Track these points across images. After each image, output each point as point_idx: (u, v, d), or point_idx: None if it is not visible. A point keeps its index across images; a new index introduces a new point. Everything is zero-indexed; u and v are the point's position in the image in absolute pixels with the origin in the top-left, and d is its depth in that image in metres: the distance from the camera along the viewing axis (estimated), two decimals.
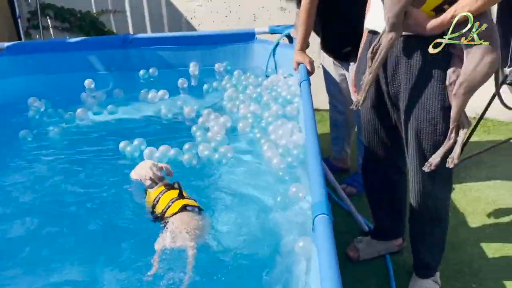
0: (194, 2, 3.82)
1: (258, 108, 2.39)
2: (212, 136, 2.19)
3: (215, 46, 3.10)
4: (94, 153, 2.20)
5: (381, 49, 1.50)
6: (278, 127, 2.17)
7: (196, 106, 2.51)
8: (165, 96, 2.72)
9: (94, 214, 1.78)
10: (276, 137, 2.12)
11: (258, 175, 2.01)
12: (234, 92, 2.60)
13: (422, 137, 1.63)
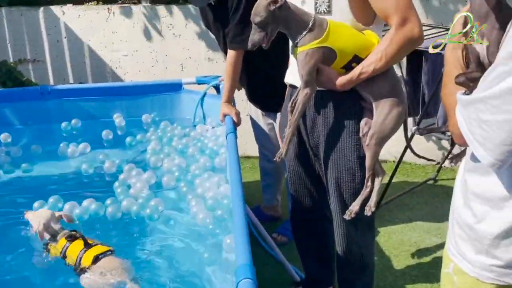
0: (119, 51, 3.77)
1: (184, 161, 2.35)
2: (135, 193, 2.10)
3: (141, 96, 3.05)
4: (4, 215, 2.01)
5: (298, 105, 1.58)
6: (205, 180, 2.13)
7: (118, 161, 2.41)
8: (87, 150, 2.59)
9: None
10: (203, 190, 2.08)
11: (187, 230, 1.95)
12: (158, 144, 2.54)
13: (342, 186, 1.70)
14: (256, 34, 1.50)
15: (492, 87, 0.82)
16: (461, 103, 0.92)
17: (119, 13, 3.67)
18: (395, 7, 1.48)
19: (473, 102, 0.87)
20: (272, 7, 1.45)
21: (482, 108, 0.84)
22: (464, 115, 0.90)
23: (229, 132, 2.08)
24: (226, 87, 2.33)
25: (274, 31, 1.52)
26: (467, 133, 0.90)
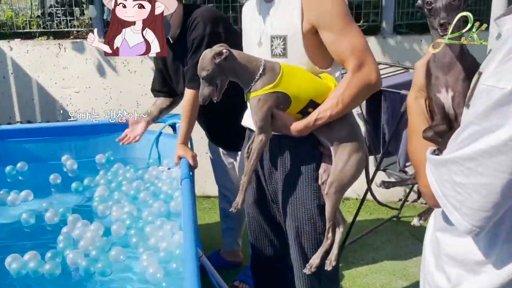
0: (70, 88, 3.59)
1: (135, 208, 2.18)
2: (83, 245, 1.91)
3: (92, 136, 2.87)
4: None
5: (253, 152, 1.49)
6: (157, 228, 1.97)
7: (63, 209, 2.20)
8: (29, 198, 2.37)
9: None
10: (155, 240, 1.92)
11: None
12: (106, 190, 2.36)
13: (303, 236, 1.60)
14: (205, 88, 1.43)
15: (465, 147, 0.74)
16: (432, 163, 0.84)
17: (71, 48, 3.51)
18: (350, 51, 1.43)
19: (445, 163, 0.79)
20: (217, 60, 1.39)
21: (455, 170, 0.76)
22: (436, 176, 0.82)
23: (184, 178, 1.94)
24: (183, 128, 2.22)
25: (224, 82, 1.45)
26: (440, 196, 0.81)
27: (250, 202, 1.76)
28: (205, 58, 1.41)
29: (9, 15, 3.82)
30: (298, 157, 1.55)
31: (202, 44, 2.07)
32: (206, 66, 1.40)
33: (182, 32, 2.14)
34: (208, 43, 2.04)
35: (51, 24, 3.67)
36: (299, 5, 1.45)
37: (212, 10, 2.25)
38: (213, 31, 2.07)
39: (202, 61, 1.41)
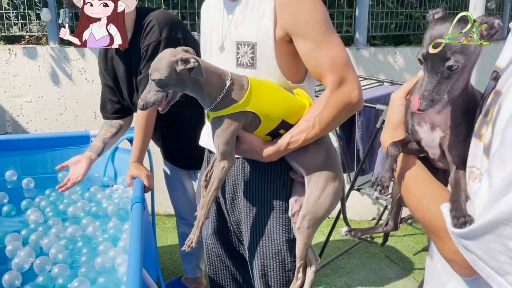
0: (21, 97, 3.30)
1: (79, 230, 1.93)
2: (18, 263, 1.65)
3: (41, 150, 2.60)
4: None
5: (213, 181, 1.26)
6: (101, 256, 1.73)
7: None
8: None
9: None
10: (96, 270, 1.68)
11: None
12: (41, 216, 2.08)
13: (269, 274, 1.38)
14: (152, 93, 1.18)
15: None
16: (465, 236, 0.63)
17: (22, 54, 3.23)
18: (330, 65, 1.22)
19: (490, 229, 0.58)
20: (179, 67, 1.15)
21: (508, 234, 0.56)
22: (477, 251, 0.61)
23: (135, 202, 1.70)
24: (136, 145, 1.99)
25: (177, 94, 1.21)
26: (489, 272, 0.60)
27: (209, 233, 1.55)
28: (163, 58, 1.17)
29: None
30: (266, 185, 1.34)
31: (157, 50, 1.83)
32: (162, 69, 1.15)
33: (135, 38, 1.91)
34: (164, 49, 1.82)
35: (2, 28, 3.38)
36: (272, 6, 1.23)
37: (168, 12, 2.02)
38: (170, 36, 1.84)
39: (158, 61, 1.17)
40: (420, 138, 0.83)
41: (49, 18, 3.20)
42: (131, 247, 1.41)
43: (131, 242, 1.45)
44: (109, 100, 2.18)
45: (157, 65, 1.16)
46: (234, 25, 1.31)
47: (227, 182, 1.40)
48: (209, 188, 1.27)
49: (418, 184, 0.79)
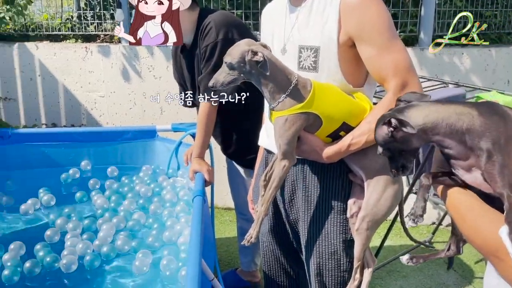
0: (95, 92, 3.55)
1: (143, 216, 2.09)
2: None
3: (111, 143, 2.80)
4: None
5: (273, 179, 1.31)
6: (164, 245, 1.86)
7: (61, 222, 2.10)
8: (37, 205, 2.30)
9: None
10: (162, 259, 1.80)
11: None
12: (107, 203, 2.27)
13: (325, 273, 1.42)
14: (223, 74, 1.26)
15: None
16: None
17: (97, 52, 3.47)
18: (393, 69, 1.23)
19: None
20: (248, 57, 1.22)
21: None
22: None
23: (196, 195, 1.81)
24: (198, 140, 2.09)
25: (239, 79, 1.27)
26: None
27: (266, 231, 1.60)
28: (239, 45, 1.25)
29: (46, 17, 3.83)
30: (325, 185, 1.38)
31: (214, 51, 1.93)
32: (234, 54, 1.23)
33: (196, 38, 2.01)
34: (221, 50, 1.89)
35: (80, 27, 3.65)
36: (337, 12, 1.26)
37: (226, 14, 2.08)
38: (226, 37, 1.92)
39: (234, 47, 1.25)
40: (463, 180, 0.84)
41: (122, 18, 3.40)
42: (191, 237, 1.51)
43: (192, 233, 1.54)
44: (181, 92, 2.31)
45: (232, 51, 1.25)
46: (297, 29, 1.35)
47: (286, 182, 1.45)
48: (269, 186, 1.33)
49: (473, 213, 0.80)
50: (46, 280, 1.76)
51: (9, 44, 3.57)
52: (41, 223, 2.15)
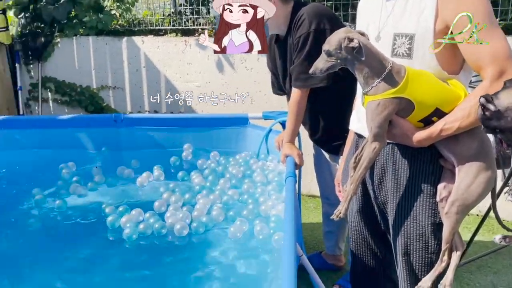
0: (192, 82, 3.84)
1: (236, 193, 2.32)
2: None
3: (207, 129, 3.04)
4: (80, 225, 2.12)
5: (363, 160, 1.39)
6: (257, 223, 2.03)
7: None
8: (150, 178, 2.61)
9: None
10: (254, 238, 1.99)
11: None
12: (203, 181, 2.53)
13: (412, 254, 1.47)
14: (321, 61, 1.37)
15: None
16: None
17: (195, 45, 3.75)
18: (491, 57, 1.24)
19: None
20: (344, 43, 1.31)
21: None
22: None
23: (289, 176, 1.94)
24: (289, 126, 2.22)
25: (337, 65, 1.37)
26: None
27: (354, 211, 1.68)
28: (337, 34, 1.35)
29: (146, 13, 4.21)
30: (415, 169, 1.42)
31: (307, 42, 2.02)
32: (332, 42, 1.34)
33: (290, 30, 2.12)
34: (313, 40, 1.99)
35: (180, 22, 3.96)
36: (434, 0, 1.30)
37: (318, 6, 2.15)
38: (318, 28, 2.00)
39: (333, 35, 1.36)
40: None
41: (218, 13, 3.64)
42: (285, 215, 1.64)
43: (286, 211, 1.68)
44: (273, 80, 2.46)
45: (330, 39, 1.36)
46: (393, 17, 1.40)
47: (375, 165, 1.51)
48: (359, 166, 1.41)
49: None
50: (155, 240, 2.04)
51: (118, 38, 3.98)
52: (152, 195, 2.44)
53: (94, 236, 2.08)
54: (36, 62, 4.08)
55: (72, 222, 2.18)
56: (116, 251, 1.95)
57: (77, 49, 4.03)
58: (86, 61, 4.04)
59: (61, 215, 2.23)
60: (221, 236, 2.04)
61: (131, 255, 1.95)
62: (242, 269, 1.84)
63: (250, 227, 2.01)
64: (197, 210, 2.16)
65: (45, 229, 2.12)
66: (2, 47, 4.03)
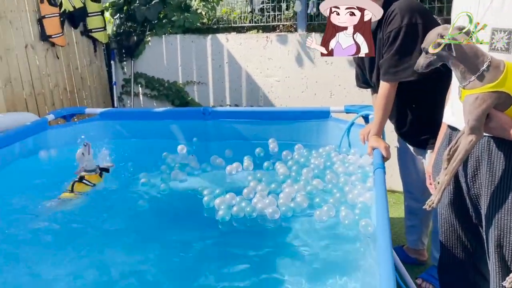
0: (272, 77, 3.98)
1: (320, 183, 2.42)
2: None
3: (289, 122, 3.15)
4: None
5: (459, 152, 1.43)
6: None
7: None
8: (239, 169, 2.79)
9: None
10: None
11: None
12: (287, 170, 2.65)
13: (505, 246, 1.49)
14: (422, 58, 1.46)
15: None
16: None
17: (276, 41, 3.88)
18: None
19: None
20: (436, 41, 1.37)
21: None
22: None
23: (377, 168, 2.00)
24: (377, 120, 2.27)
25: (436, 62, 1.44)
26: None
27: (445, 203, 1.71)
28: (434, 31, 1.42)
29: (224, 11, 4.41)
30: (510, 162, 1.44)
31: (398, 36, 2.05)
32: (428, 40, 1.42)
33: (380, 25, 2.16)
34: (404, 35, 2.02)
35: (261, 19, 4.10)
36: None
37: (411, 0, 2.16)
38: (410, 22, 2.03)
39: (430, 33, 1.43)
40: None
41: (300, 9, 3.74)
42: (377, 205, 1.71)
43: (377, 201, 1.75)
44: (359, 73, 2.52)
45: (427, 36, 1.43)
46: (491, 12, 1.42)
47: (470, 157, 1.54)
48: (454, 157, 1.45)
49: None
50: (247, 222, 2.19)
51: (204, 36, 4.21)
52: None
53: (192, 217, 2.29)
54: (129, 59, 4.43)
55: (173, 204, 2.42)
56: (211, 233, 2.14)
57: (166, 47, 4.32)
58: (173, 58, 4.32)
59: (165, 197, 2.48)
60: (307, 222, 2.16)
61: (224, 236, 2.12)
62: (328, 254, 1.94)
63: (337, 213, 2.12)
64: (282, 198, 2.30)
65: (152, 210, 2.36)
66: (100, 45, 4.43)
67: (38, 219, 2.23)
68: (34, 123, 2.99)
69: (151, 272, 1.85)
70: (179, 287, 1.79)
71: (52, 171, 2.78)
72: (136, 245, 2.04)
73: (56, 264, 1.89)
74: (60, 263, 1.89)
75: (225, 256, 1.96)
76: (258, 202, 2.25)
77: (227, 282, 1.77)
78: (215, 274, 1.81)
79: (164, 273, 1.85)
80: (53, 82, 3.84)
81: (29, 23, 3.60)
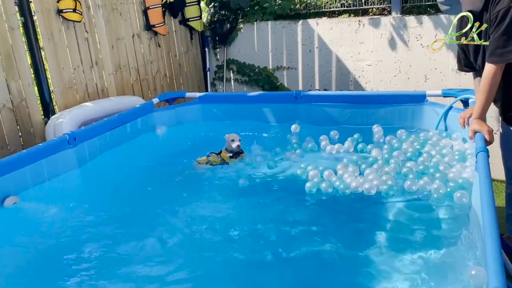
0: (363, 61, 3.95)
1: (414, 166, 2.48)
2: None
3: (383, 106, 3.14)
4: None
5: None
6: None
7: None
8: (340, 150, 2.91)
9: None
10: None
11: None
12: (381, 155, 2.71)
13: None
14: None
15: None
16: None
17: (368, 24, 3.83)
18: None
19: None
20: None
21: None
22: None
23: (480, 151, 1.96)
24: (479, 102, 2.19)
25: None
26: None
27: None
28: None
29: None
30: None
31: (506, 16, 1.97)
32: None
33: (486, 6, 2.08)
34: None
35: (353, 3, 4.07)
36: None
37: None
38: None
39: None
40: None
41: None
42: (481, 187, 1.69)
43: (481, 183, 1.73)
44: (461, 57, 2.44)
45: None
46: None
47: None
48: None
49: None
50: (335, 198, 2.36)
51: (295, 22, 4.28)
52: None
53: (285, 192, 2.49)
54: (222, 46, 4.64)
55: (276, 181, 2.66)
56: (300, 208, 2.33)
57: (257, 34, 4.46)
58: (264, 44, 4.44)
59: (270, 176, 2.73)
60: (401, 199, 2.24)
61: (311, 210, 2.30)
62: (425, 229, 2.04)
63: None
64: (370, 179, 2.38)
65: (250, 187, 2.57)
66: (196, 33, 4.68)
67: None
68: (142, 105, 3.28)
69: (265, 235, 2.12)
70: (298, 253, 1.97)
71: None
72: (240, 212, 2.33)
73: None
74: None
75: (308, 232, 2.14)
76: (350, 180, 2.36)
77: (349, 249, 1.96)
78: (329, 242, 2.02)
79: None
80: (155, 69, 4.16)
81: (136, 14, 3.92)
